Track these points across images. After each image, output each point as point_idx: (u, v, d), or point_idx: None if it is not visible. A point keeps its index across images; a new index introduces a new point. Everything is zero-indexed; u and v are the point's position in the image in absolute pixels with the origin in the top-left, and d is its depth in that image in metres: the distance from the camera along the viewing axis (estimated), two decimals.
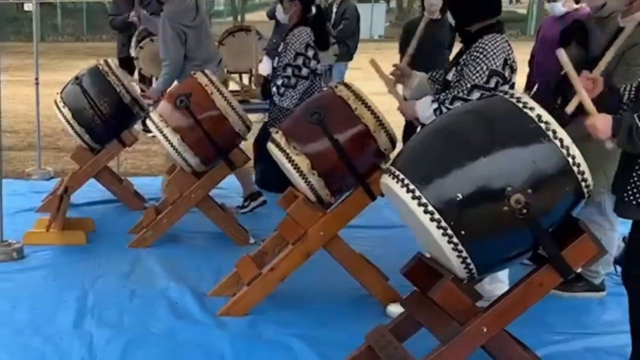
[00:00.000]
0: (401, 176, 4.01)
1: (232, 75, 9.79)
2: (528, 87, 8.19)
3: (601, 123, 4.04)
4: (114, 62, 8.00)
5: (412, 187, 3.93)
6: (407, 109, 5.41)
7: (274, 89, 7.26)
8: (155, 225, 6.88)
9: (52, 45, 33.43)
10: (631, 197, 4.18)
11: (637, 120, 3.92)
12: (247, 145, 7.31)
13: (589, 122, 4.07)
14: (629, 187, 4.19)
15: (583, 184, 3.90)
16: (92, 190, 8.29)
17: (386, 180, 4.15)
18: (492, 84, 5.07)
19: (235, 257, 5.88)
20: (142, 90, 8.53)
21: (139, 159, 10.87)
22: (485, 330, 4.11)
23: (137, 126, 8.22)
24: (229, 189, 8.44)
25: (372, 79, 5.94)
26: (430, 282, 4.20)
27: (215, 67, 7.95)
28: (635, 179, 4.15)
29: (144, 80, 9.09)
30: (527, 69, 8.22)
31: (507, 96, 4.06)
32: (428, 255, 4.40)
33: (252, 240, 6.88)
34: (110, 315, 5.35)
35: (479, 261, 3.96)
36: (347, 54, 12.14)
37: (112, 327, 5.18)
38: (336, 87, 5.42)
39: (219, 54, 8.50)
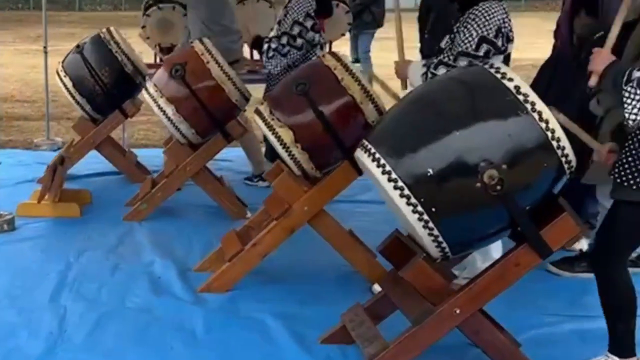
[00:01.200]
0: (372, 150, 3.85)
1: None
2: None
3: (602, 57, 3.88)
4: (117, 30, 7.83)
5: (382, 161, 3.78)
6: (401, 69, 5.22)
7: (265, 47, 6.89)
8: (149, 198, 6.75)
9: (90, 14, 33.54)
10: (616, 176, 4.00)
11: (628, 73, 3.73)
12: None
13: (597, 50, 3.91)
14: (616, 167, 4.02)
15: (563, 159, 3.72)
16: (96, 161, 8.18)
17: (359, 154, 3.99)
18: (481, 52, 4.88)
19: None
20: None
21: (152, 130, 10.75)
22: (458, 311, 3.94)
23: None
24: (234, 160, 8.31)
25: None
26: (407, 260, 4.05)
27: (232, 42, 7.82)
28: (622, 157, 3.98)
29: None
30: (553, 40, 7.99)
31: (486, 66, 3.88)
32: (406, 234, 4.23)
33: (248, 215, 6.70)
34: (88, 289, 5.23)
35: (451, 240, 3.79)
36: (372, 22, 11.81)
37: (88, 301, 5.07)
38: (324, 56, 5.24)
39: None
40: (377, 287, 5.09)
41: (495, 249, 5.07)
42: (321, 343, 4.50)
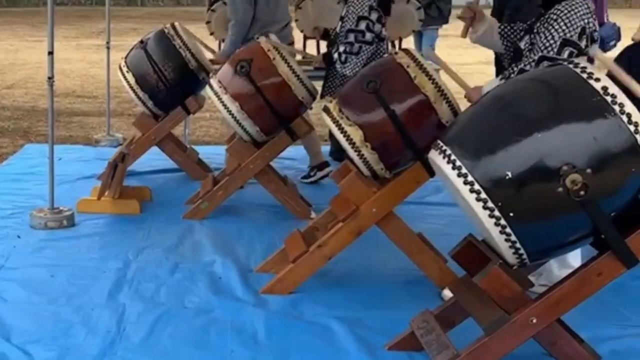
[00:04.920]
0: (448, 151, 3.67)
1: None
2: None
3: None
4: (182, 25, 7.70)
5: (458, 163, 3.60)
6: (474, 96, 5.01)
7: (336, 55, 6.87)
8: (210, 197, 6.61)
9: (152, 10, 33.64)
10: None
11: None
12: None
13: None
14: None
15: None
16: (157, 158, 8.08)
17: (432, 155, 3.81)
18: (564, 56, 4.64)
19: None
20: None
21: (214, 127, 10.63)
22: (535, 321, 3.75)
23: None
24: (299, 159, 8.19)
25: (464, 47, 5.50)
26: (481, 266, 3.89)
27: (280, 32, 7.59)
28: None
29: None
30: None
31: (570, 65, 3.68)
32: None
33: (313, 215, 6.52)
34: (147, 288, 5.09)
35: (529, 246, 3.61)
36: (439, 18, 11.50)
37: (146, 300, 4.92)
38: (396, 53, 5.06)
39: (287, 18, 8.11)
40: (447, 293, 4.89)
41: (573, 256, 4.86)
42: (388, 349, 4.31)
